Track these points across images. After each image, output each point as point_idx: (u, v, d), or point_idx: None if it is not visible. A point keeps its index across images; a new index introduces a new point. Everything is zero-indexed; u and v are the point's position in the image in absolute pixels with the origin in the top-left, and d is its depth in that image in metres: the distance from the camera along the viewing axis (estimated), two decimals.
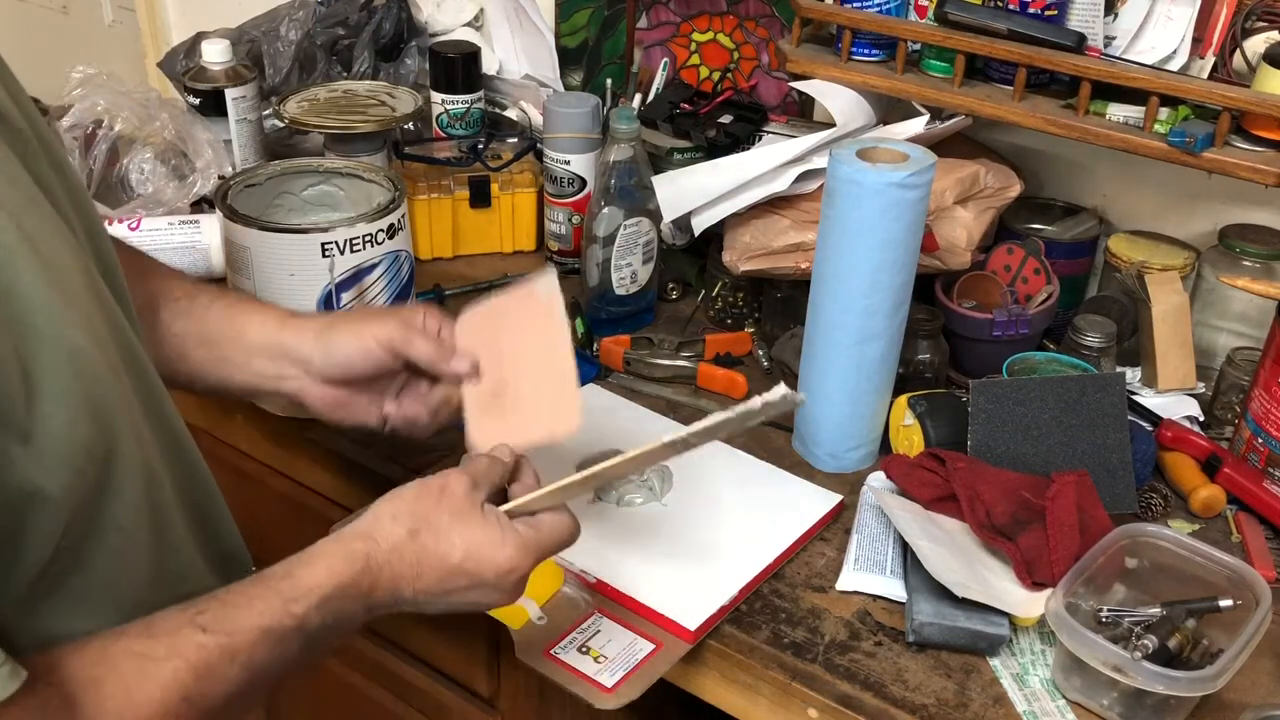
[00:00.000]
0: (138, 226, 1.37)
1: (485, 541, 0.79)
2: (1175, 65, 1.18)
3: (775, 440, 1.21)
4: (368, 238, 1.14)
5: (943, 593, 0.94)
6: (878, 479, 1.12)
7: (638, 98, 1.54)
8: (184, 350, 0.94)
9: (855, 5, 1.27)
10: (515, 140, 1.59)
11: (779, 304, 1.34)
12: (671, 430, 0.85)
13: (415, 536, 0.78)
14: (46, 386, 0.61)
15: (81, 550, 0.67)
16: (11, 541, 0.63)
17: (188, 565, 0.77)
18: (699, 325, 1.41)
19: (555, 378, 0.94)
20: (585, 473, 0.84)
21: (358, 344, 0.95)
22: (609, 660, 0.93)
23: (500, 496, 0.85)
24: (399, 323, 0.96)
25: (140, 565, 0.72)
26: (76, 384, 0.63)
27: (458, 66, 1.56)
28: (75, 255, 0.68)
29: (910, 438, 1.15)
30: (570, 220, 1.48)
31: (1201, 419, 1.23)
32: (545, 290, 0.96)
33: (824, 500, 1.10)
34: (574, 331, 1.36)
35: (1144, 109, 1.15)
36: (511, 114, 1.68)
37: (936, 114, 1.31)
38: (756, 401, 0.80)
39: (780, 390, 0.79)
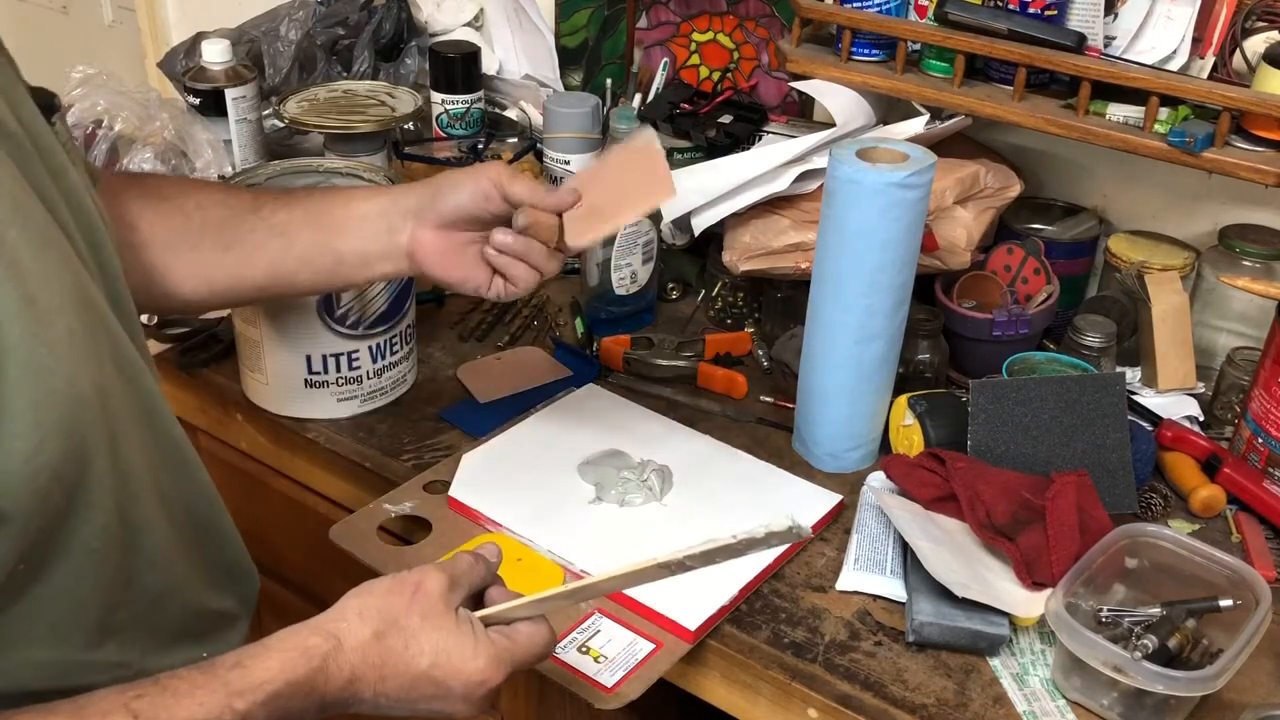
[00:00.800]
0: None
1: (456, 650, 0.74)
2: (1175, 65, 1.18)
3: (775, 440, 1.21)
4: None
5: (943, 593, 0.94)
6: (878, 479, 1.12)
7: (638, 98, 1.54)
8: (290, 236, 0.97)
9: (855, 5, 1.27)
10: (515, 140, 1.59)
11: (779, 304, 1.34)
12: (667, 545, 0.79)
13: (381, 639, 0.73)
14: (14, 404, 0.60)
15: (42, 571, 0.65)
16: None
17: (168, 581, 0.76)
18: (699, 325, 1.41)
19: (643, 183, 0.99)
20: (569, 587, 0.80)
21: (468, 180, 0.98)
22: (609, 660, 0.93)
23: (477, 600, 0.80)
24: (503, 166, 0.99)
25: (109, 585, 0.70)
26: (49, 402, 0.62)
27: (458, 66, 1.56)
28: (66, 266, 0.67)
29: (910, 438, 1.15)
30: None
31: (1201, 419, 1.23)
32: (644, 140, 1.00)
33: (824, 500, 1.10)
34: (574, 331, 1.36)
35: (1144, 109, 1.15)
36: (511, 114, 1.68)
37: (936, 114, 1.31)
38: (760, 530, 0.73)
39: (786, 520, 0.73)
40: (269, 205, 0.99)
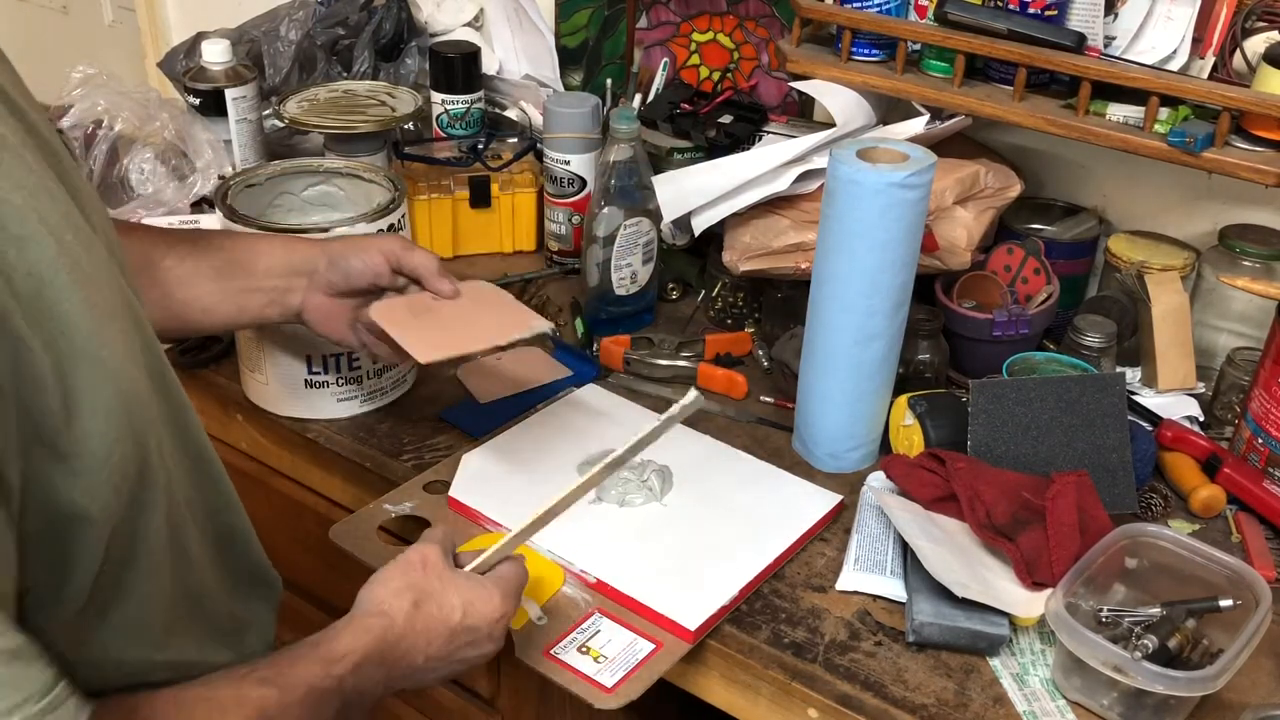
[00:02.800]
0: None
1: (478, 599, 0.85)
2: (1175, 65, 1.18)
3: (775, 440, 1.21)
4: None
5: (943, 593, 0.94)
6: (878, 479, 1.12)
7: (638, 98, 1.54)
8: (196, 285, 1.02)
9: (855, 5, 1.27)
10: (515, 140, 1.59)
11: (779, 304, 1.34)
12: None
13: (419, 607, 0.83)
14: (86, 405, 0.62)
15: (120, 573, 0.68)
16: (60, 566, 0.64)
17: (204, 583, 0.79)
18: (699, 325, 1.41)
19: (461, 339, 1.04)
20: (525, 522, 0.89)
21: (359, 252, 1.05)
22: (609, 660, 0.93)
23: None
24: (398, 239, 1.08)
25: (165, 586, 0.73)
26: (116, 403, 0.64)
27: (458, 66, 1.56)
28: (108, 269, 0.68)
29: (910, 438, 1.15)
30: (570, 220, 1.48)
31: (1201, 419, 1.23)
32: (533, 323, 1.06)
33: (824, 500, 1.10)
34: (574, 331, 1.36)
35: (1144, 109, 1.15)
36: (511, 114, 1.68)
37: (936, 114, 1.31)
38: (674, 407, 0.88)
39: (690, 395, 0.88)
40: (178, 251, 1.02)
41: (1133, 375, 1.28)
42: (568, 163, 1.45)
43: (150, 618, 0.72)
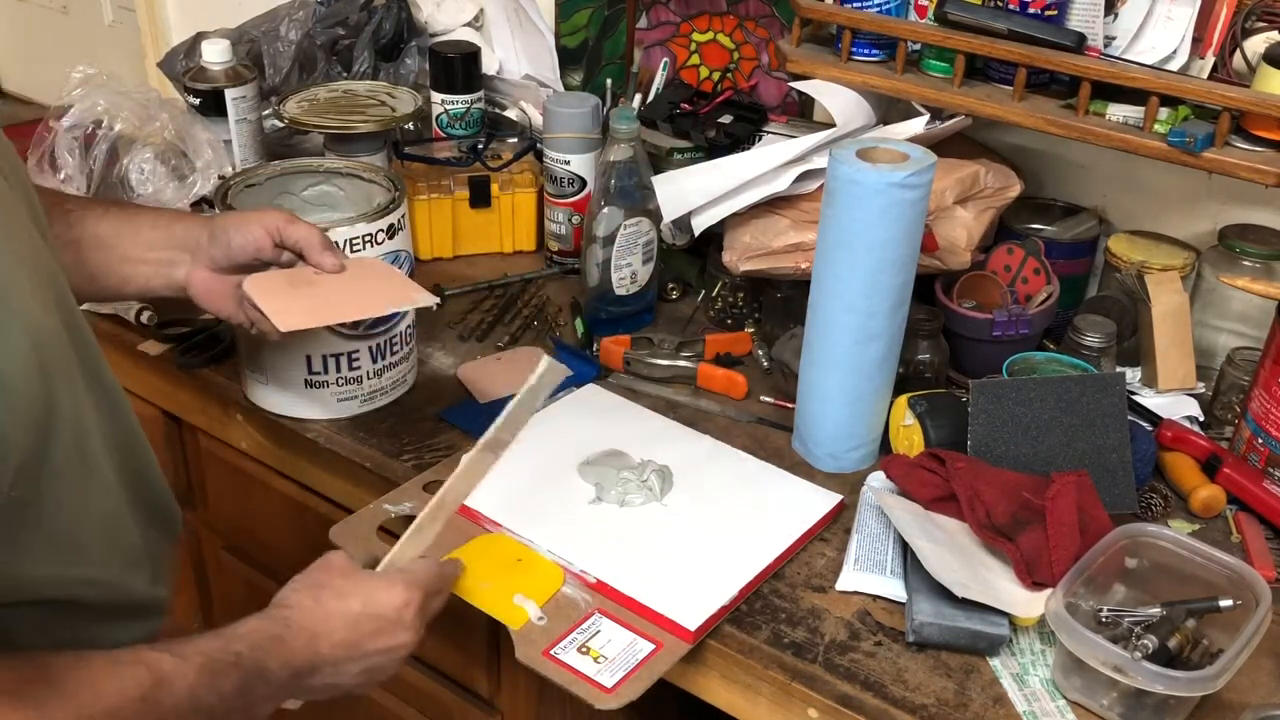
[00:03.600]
0: None
1: (376, 589, 0.89)
2: (1175, 65, 1.18)
3: (775, 440, 1.21)
4: (368, 238, 1.14)
5: (943, 593, 0.94)
6: (878, 479, 1.12)
7: (638, 98, 1.54)
8: (80, 255, 1.03)
9: (855, 5, 1.27)
10: (515, 140, 1.59)
11: (779, 304, 1.34)
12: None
13: (318, 598, 0.87)
14: (11, 351, 0.67)
15: (28, 494, 0.73)
16: None
17: (118, 508, 0.84)
18: (699, 325, 1.41)
19: (332, 308, 1.03)
20: (423, 513, 0.93)
21: (241, 226, 1.05)
22: (609, 660, 0.93)
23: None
24: (282, 212, 1.07)
25: (77, 505, 0.78)
26: (33, 353, 0.69)
27: (458, 66, 1.56)
28: (21, 220, 0.74)
29: (910, 438, 1.15)
30: (570, 220, 1.48)
31: (1201, 419, 1.23)
32: (415, 296, 1.06)
33: (824, 500, 1.10)
34: (574, 331, 1.36)
35: (1144, 109, 1.15)
36: (511, 114, 1.68)
37: (936, 114, 1.31)
38: (532, 378, 0.92)
39: (544, 361, 0.92)
40: (69, 218, 1.03)
41: (1133, 375, 1.28)
42: (568, 163, 1.45)
43: (63, 535, 0.77)
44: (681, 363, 1.29)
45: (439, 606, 0.94)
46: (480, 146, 1.53)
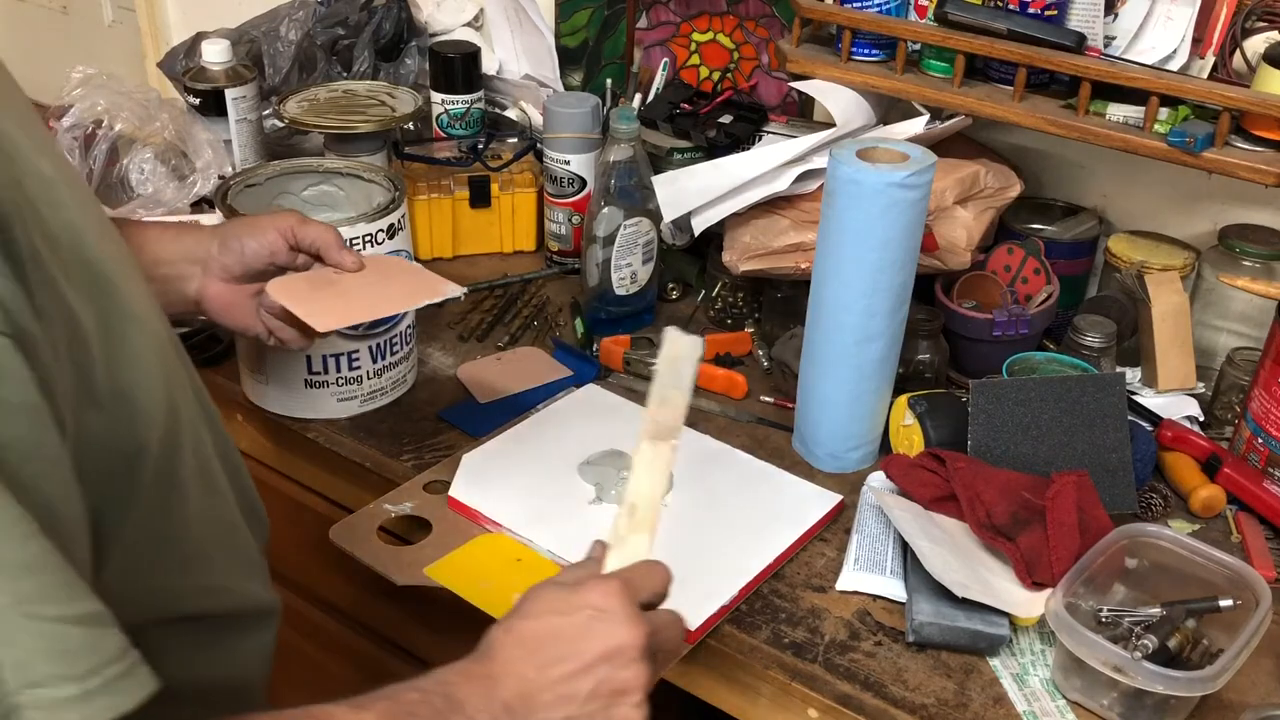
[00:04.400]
0: None
1: (564, 594, 0.75)
2: (1175, 65, 1.18)
3: (775, 440, 1.21)
4: (368, 238, 1.14)
5: (943, 593, 0.94)
6: (878, 479, 1.12)
7: (638, 98, 1.54)
8: None
9: (855, 5, 1.27)
10: (515, 140, 1.59)
11: (779, 304, 1.34)
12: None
13: (508, 627, 0.74)
14: (140, 346, 0.65)
15: (160, 507, 0.70)
16: (122, 501, 0.66)
17: (233, 516, 0.82)
18: (699, 325, 1.41)
19: (362, 306, 1.00)
20: (618, 523, 0.81)
21: (253, 231, 1.00)
22: None
23: None
24: (294, 213, 1.02)
25: (198, 516, 0.75)
26: (157, 344, 0.68)
27: (458, 66, 1.56)
28: (114, 232, 0.72)
29: (910, 438, 1.15)
30: (570, 220, 1.48)
31: (1201, 419, 1.23)
32: (441, 288, 1.04)
33: (824, 500, 1.10)
34: (574, 331, 1.36)
35: (1144, 109, 1.15)
36: (511, 114, 1.68)
37: (936, 114, 1.31)
38: (662, 351, 0.86)
39: (670, 332, 0.86)
40: None
41: (1133, 375, 1.28)
42: (568, 163, 1.45)
43: (193, 547, 0.74)
44: None
45: (655, 598, 0.78)
46: (480, 146, 1.53)
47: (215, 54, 1.51)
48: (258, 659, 0.84)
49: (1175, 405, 1.23)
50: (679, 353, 0.84)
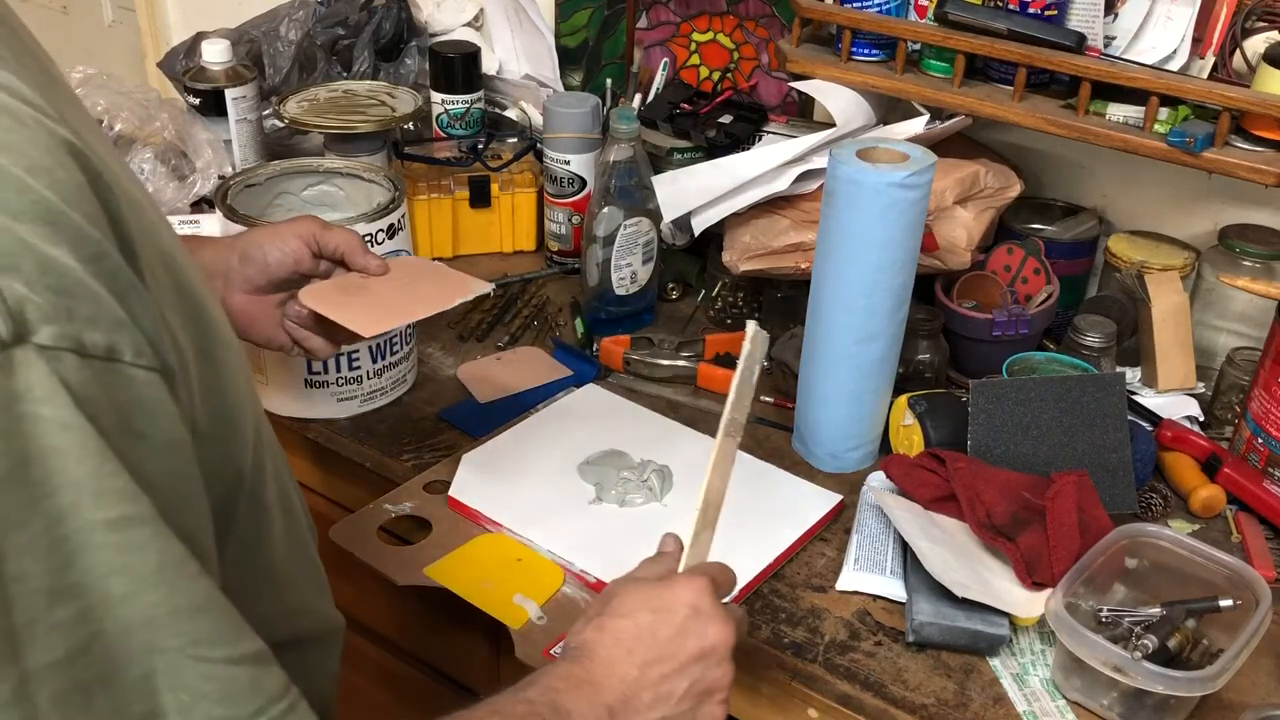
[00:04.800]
0: None
1: (657, 591, 0.76)
2: (1175, 65, 1.18)
3: (775, 440, 1.21)
4: (368, 238, 1.14)
5: (943, 593, 0.94)
6: (878, 479, 1.12)
7: (638, 98, 1.54)
8: None
9: (855, 5, 1.27)
10: (515, 140, 1.59)
11: (779, 304, 1.34)
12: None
13: (601, 626, 0.75)
14: (232, 383, 0.63)
15: (251, 533, 0.69)
16: (223, 533, 0.64)
17: (305, 534, 0.79)
18: (699, 325, 1.41)
19: (401, 307, 0.99)
20: (694, 522, 0.82)
21: (275, 240, 0.98)
22: None
23: None
24: (314, 219, 1.00)
25: (280, 536, 0.73)
26: (245, 382, 0.66)
27: (458, 66, 1.56)
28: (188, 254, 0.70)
29: (910, 438, 1.15)
30: (570, 220, 1.48)
31: (1201, 419, 1.23)
32: (473, 285, 1.02)
33: (824, 500, 1.10)
34: (574, 331, 1.36)
35: (1144, 109, 1.15)
36: (511, 114, 1.68)
37: (936, 114, 1.31)
38: (745, 348, 0.84)
39: (751, 327, 0.84)
40: None
41: (1133, 375, 1.28)
42: (568, 163, 1.45)
43: (280, 570, 0.73)
44: (681, 363, 1.29)
45: (728, 599, 0.81)
46: (480, 146, 1.53)
47: (215, 54, 1.51)
48: (331, 678, 0.83)
49: (1175, 405, 1.23)
50: (757, 348, 0.84)
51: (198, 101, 1.51)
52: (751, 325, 0.84)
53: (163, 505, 0.52)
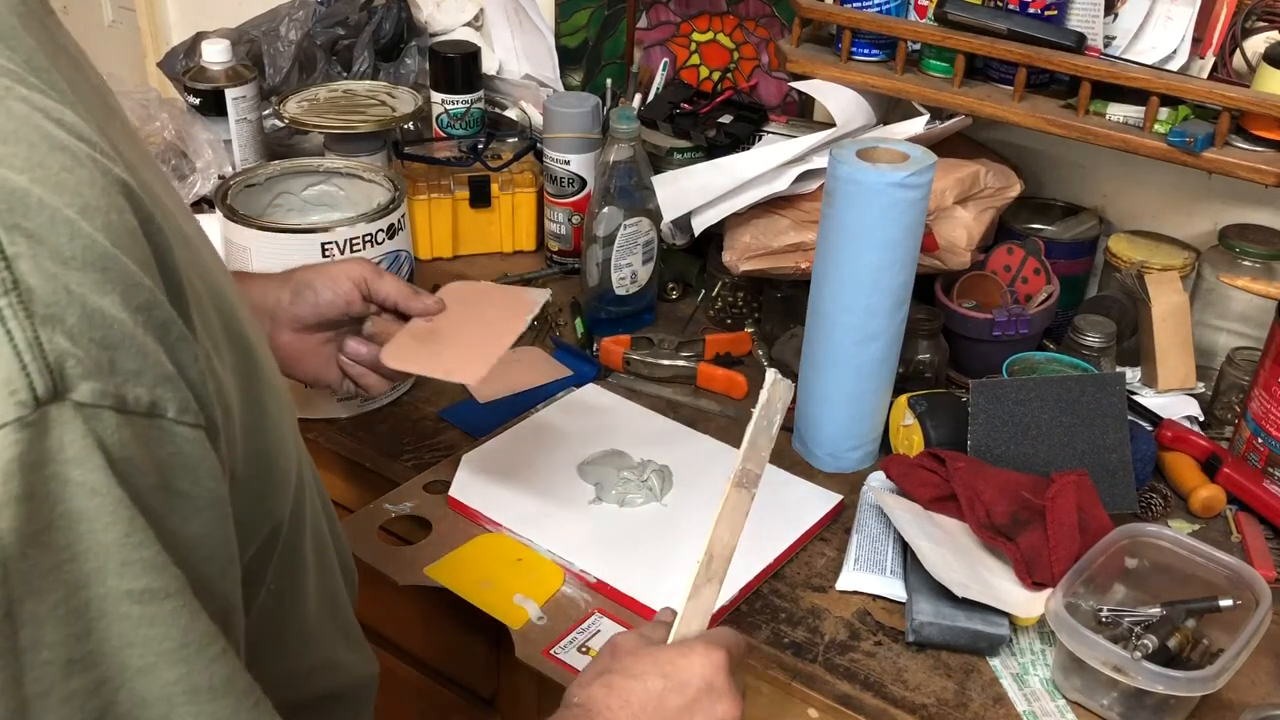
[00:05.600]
0: None
1: (672, 658, 0.75)
2: (1175, 65, 1.18)
3: (775, 440, 1.20)
4: (368, 238, 1.14)
5: (943, 593, 0.94)
6: (878, 479, 1.12)
7: (638, 98, 1.54)
8: None
9: (855, 5, 1.27)
10: (515, 140, 1.59)
11: (779, 304, 1.34)
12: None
13: (609, 685, 0.74)
14: (275, 429, 0.61)
15: (284, 585, 0.66)
16: (254, 586, 0.61)
17: (339, 585, 0.76)
18: (699, 325, 1.41)
19: (486, 341, 0.97)
20: (695, 575, 0.80)
21: (328, 279, 0.98)
22: None
23: None
24: (366, 263, 1.00)
25: (312, 588, 0.71)
26: (290, 416, 0.63)
27: (458, 66, 1.56)
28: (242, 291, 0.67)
29: (910, 438, 1.15)
30: (570, 220, 1.48)
31: (1201, 419, 1.23)
32: (532, 296, 1.00)
33: (824, 500, 1.10)
34: (574, 331, 1.36)
35: (1144, 109, 1.15)
36: (511, 114, 1.68)
37: (936, 114, 1.31)
38: (761, 396, 0.80)
39: (770, 376, 0.81)
40: None
41: (1133, 375, 1.28)
42: (568, 163, 1.45)
43: (308, 623, 0.70)
44: (681, 363, 1.29)
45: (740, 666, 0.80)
46: (480, 146, 1.53)
47: (215, 54, 1.51)
48: None
49: (1175, 405, 1.23)
50: (776, 397, 0.81)
51: (198, 101, 1.51)
52: (771, 373, 0.81)
53: (200, 569, 0.50)
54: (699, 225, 1.30)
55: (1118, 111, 1.18)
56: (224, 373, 0.54)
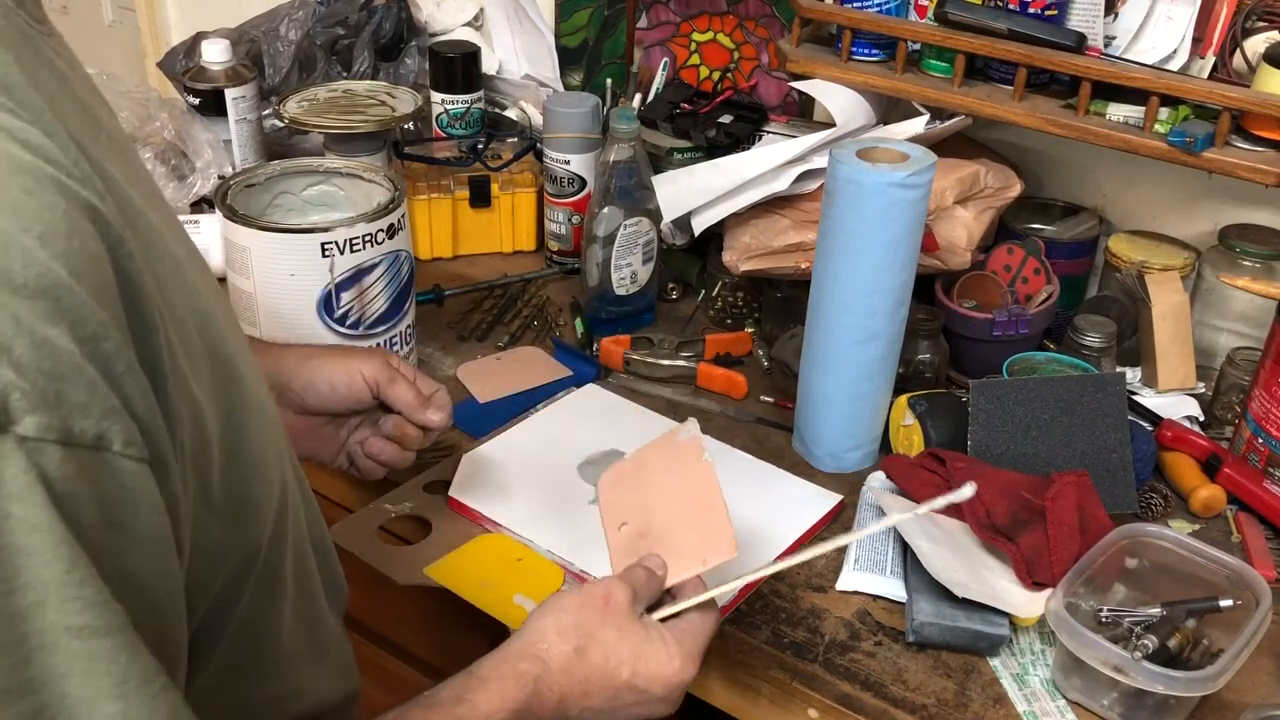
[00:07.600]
0: None
1: (652, 656, 0.76)
2: (1175, 65, 1.18)
3: (775, 440, 1.21)
4: (368, 238, 1.14)
5: (943, 593, 0.94)
6: (878, 479, 1.12)
7: (638, 98, 1.54)
8: None
9: (855, 5, 1.27)
10: (515, 140, 1.59)
11: (779, 304, 1.34)
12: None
13: (582, 654, 0.75)
14: (257, 454, 0.60)
15: (261, 611, 0.65)
16: (227, 611, 0.61)
17: (320, 607, 0.75)
18: (699, 325, 1.41)
19: (705, 511, 0.87)
20: (739, 583, 0.83)
21: (343, 374, 0.96)
22: None
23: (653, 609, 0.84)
24: (383, 362, 0.97)
25: (287, 615, 0.70)
26: (272, 448, 0.62)
27: (458, 66, 1.56)
28: (229, 306, 0.67)
29: (910, 438, 1.15)
30: (570, 220, 1.48)
31: (1201, 419, 1.23)
32: (685, 435, 0.91)
33: (824, 500, 1.10)
34: (574, 331, 1.36)
35: (1144, 109, 1.15)
36: (511, 114, 1.68)
37: (936, 114, 1.31)
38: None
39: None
40: None
41: (1133, 375, 1.28)
42: (568, 162, 1.45)
43: (283, 649, 0.69)
44: (681, 363, 1.29)
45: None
46: (480, 146, 1.53)
47: (215, 54, 1.51)
48: None
49: (1175, 405, 1.23)
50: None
51: (197, 101, 1.51)
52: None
53: (142, 602, 0.49)
54: (699, 225, 1.30)
55: (1118, 111, 1.18)
56: (202, 396, 0.54)
